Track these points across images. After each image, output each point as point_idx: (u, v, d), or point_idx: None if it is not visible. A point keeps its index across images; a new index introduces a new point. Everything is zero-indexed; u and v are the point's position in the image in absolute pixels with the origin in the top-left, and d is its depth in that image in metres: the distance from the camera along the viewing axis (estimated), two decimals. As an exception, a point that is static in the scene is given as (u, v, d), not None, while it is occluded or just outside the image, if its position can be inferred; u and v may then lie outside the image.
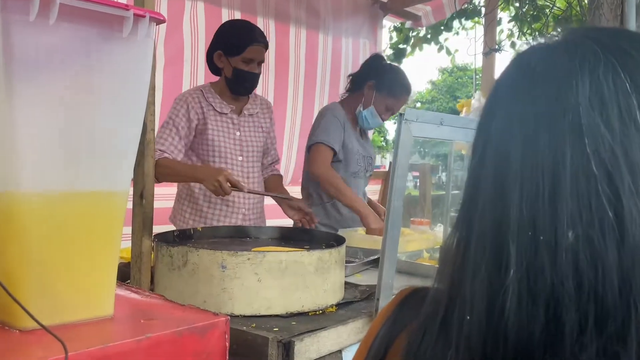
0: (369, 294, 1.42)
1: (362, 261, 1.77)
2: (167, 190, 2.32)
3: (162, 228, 2.13)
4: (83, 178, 0.83)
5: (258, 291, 1.22)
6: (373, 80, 2.30)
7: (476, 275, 0.45)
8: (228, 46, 2.05)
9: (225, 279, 1.21)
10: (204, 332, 0.84)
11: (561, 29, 0.52)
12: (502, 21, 4.07)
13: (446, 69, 26.90)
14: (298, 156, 3.71)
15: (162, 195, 2.31)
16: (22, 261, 0.79)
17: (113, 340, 0.75)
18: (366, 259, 1.79)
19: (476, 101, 3.43)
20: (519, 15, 3.63)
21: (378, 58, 2.42)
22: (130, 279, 1.39)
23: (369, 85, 2.31)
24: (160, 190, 1.94)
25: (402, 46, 4.16)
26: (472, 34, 3.81)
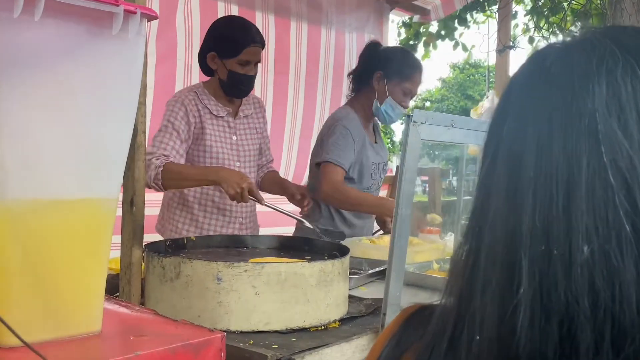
0: (375, 309, 1.42)
1: (368, 273, 1.77)
2: (159, 196, 2.31)
3: (153, 237, 2.14)
4: (69, 185, 0.83)
5: (256, 305, 1.22)
6: (379, 70, 2.26)
7: (486, 290, 0.45)
8: (222, 48, 2.03)
9: (220, 292, 1.21)
10: (199, 350, 0.84)
11: (580, 25, 0.52)
12: (517, 15, 4.08)
13: (457, 65, 26.89)
14: (299, 157, 3.71)
15: (154, 202, 2.31)
16: (3, 274, 0.79)
17: (100, 358, 0.75)
18: (372, 271, 1.78)
19: (489, 101, 3.43)
20: (536, 8, 3.64)
21: (375, 46, 2.37)
22: (119, 292, 1.39)
23: (377, 77, 2.27)
24: (150, 196, 1.94)
25: (412, 42, 4.16)
26: (484, 29, 3.80)
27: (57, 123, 0.81)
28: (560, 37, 0.51)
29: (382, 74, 2.26)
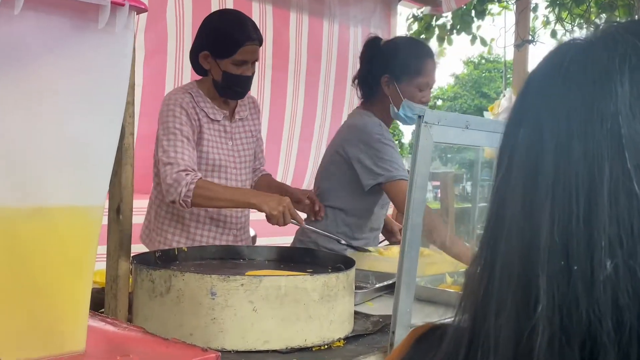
0: (383, 326, 1.41)
1: (375, 287, 1.76)
2: (144, 203, 2.30)
3: (140, 248, 2.14)
4: (50, 191, 0.84)
5: (253, 322, 1.21)
6: (385, 74, 2.19)
7: (501, 310, 0.45)
8: (215, 47, 2.01)
9: (215, 308, 1.21)
10: (191, 371, 0.83)
11: (605, 18, 0.52)
12: (538, 7, 4.08)
13: (472, 60, 26.91)
14: (298, 160, 3.71)
15: (141, 209, 2.31)
16: (-20, 288, 0.79)
17: (85, 380, 0.75)
18: (379, 285, 1.78)
19: (506, 100, 3.43)
20: (557, -1, 3.65)
21: (374, 44, 2.29)
22: (104, 308, 1.39)
23: (385, 81, 2.19)
24: (137, 203, 1.94)
25: (424, 37, 4.17)
26: (500, 22, 3.82)
27: (38, 123, 0.81)
28: (583, 31, 0.51)
29: (389, 77, 2.19)
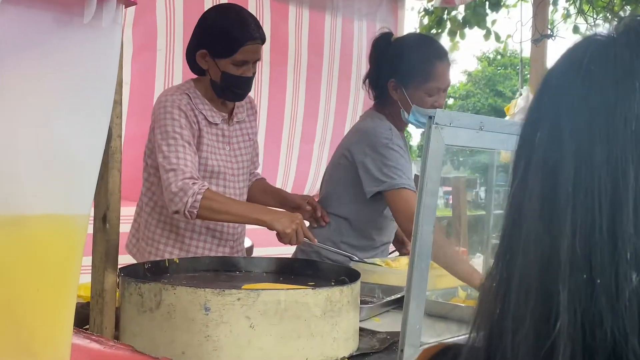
0: (391, 344, 1.41)
1: (382, 301, 1.76)
2: (132, 210, 2.30)
3: (128, 259, 2.14)
4: (30, 198, 0.84)
5: (250, 340, 1.21)
6: (391, 78, 2.18)
7: (519, 327, 0.45)
8: (214, 46, 2.01)
9: (209, 325, 1.21)
10: (183, 393, 0.83)
11: (630, 11, 0.52)
12: (557, -1, 4.09)
13: (487, 56, 26.92)
14: (299, 164, 3.72)
15: (129, 217, 2.31)
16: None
17: (69, 403, 0.75)
18: (386, 299, 1.78)
19: (523, 99, 3.44)
20: (579, -11, 3.65)
21: (382, 43, 2.27)
22: (89, 324, 1.39)
23: (391, 86, 2.18)
24: (125, 210, 1.94)
25: (435, 31, 4.17)
26: (517, 15, 3.79)
27: (17, 125, 0.81)
28: (606, 25, 0.51)
29: (396, 82, 2.17)
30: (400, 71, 2.16)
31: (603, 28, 0.51)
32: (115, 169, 1.36)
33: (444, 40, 4.29)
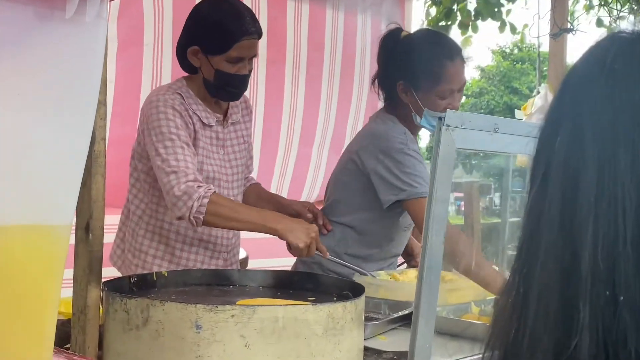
0: (398, 364, 1.41)
1: (388, 318, 1.76)
2: (116, 219, 2.30)
3: (111, 271, 2.14)
4: (8, 208, 0.84)
5: (246, 360, 1.21)
6: (399, 80, 2.18)
7: (536, 348, 0.45)
8: (206, 41, 2.01)
9: (200, 344, 1.21)
10: (173, 418, 0.83)
11: None
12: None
13: (503, 49, 26.89)
14: (297, 169, 3.72)
15: (113, 226, 2.31)
16: None
17: None
18: (394, 315, 1.78)
19: (541, 99, 3.44)
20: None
21: (389, 41, 2.27)
22: (71, 343, 1.39)
23: (400, 89, 2.18)
24: (108, 219, 1.94)
25: (444, 24, 4.16)
26: (534, 6, 3.79)
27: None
28: (631, 19, 0.51)
29: (405, 85, 2.17)
30: (408, 73, 2.16)
31: (628, 22, 0.51)
32: (98, 175, 1.36)
33: (455, 33, 4.28)
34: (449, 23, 4.21)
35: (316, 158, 3.82)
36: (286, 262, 2.41)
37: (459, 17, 4.20)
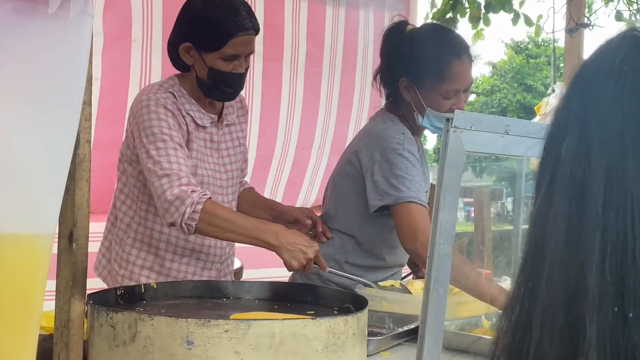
0: (403, 382, 1.41)
1: (393, 333, 1.76)
2: (102, 226, 2.30)
3: (96, 282, 2.14)
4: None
5: (240, 378, 1.22)
6: (402, 76, 2.18)
7: None
8: (199, 38, 2.01)
9: (192, 360, 1.21)
10: None
11: None
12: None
13: (517, 44, 26.80)
14: (292, 173, 3.72)
15: (98, 234, 2.31)
16: None
17: None
18: (398, 330, 1.78)
19: (556, 98, 3.44)
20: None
21: (393, 35, 2.27)
22: (53, 359, 1.39)
23: (403, 85, 2.19)
24: (93, 227, 1.94)
25: (450, 17, 4.16)
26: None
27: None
28: None
29: (408, 81, 2.17)
30: (412, 69, 2.16)
31: None
32: (83, 180, 1.36)
33: (465, 27, 4.28)
34: (456, 16, 4.21)
35: (315, 161, 3.82)
36: (283, 273, 2.40)
37: (468, 10, 4.20)
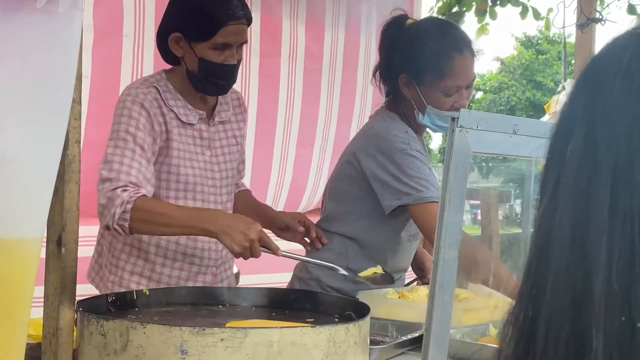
0: (407, 393, 1.41)
1: (396, 341, 1.76)
2: (94, 230, 2.30)
3: (89, 289, 2.14)
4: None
5: (236, 389, 1.22)
6: (402, 72, 2.19)
7: None
8: (189, 27, 2.01)
9: (186, 370, 1.21)
10: None
11: None
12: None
13: (527, 38, 26.76)
14: (295, 174, 3.72)
15: (90, 238, 2.31)
16: None
17: None
18: (402, 338, 1.78)
19: (565, 96, 3.43)
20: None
21: (392, 29, 2.28)
22: (40, 370, 1.39)
23: (402, 82, 2.20)
24: (85, 230, 1.94)
25: (455, 11, 4.17)
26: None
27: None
28: None
29: (407, 77, 2.18)
30: (411, 65, 2.17)
31: None
32: (72, 182, 1.36)
33: (471, 21, 4.28)
34: (464, 9, 4.21)
35: (317, 162, 3.82)
36: (282, 279, 2.41)
37: (474, 4, 4.21)
